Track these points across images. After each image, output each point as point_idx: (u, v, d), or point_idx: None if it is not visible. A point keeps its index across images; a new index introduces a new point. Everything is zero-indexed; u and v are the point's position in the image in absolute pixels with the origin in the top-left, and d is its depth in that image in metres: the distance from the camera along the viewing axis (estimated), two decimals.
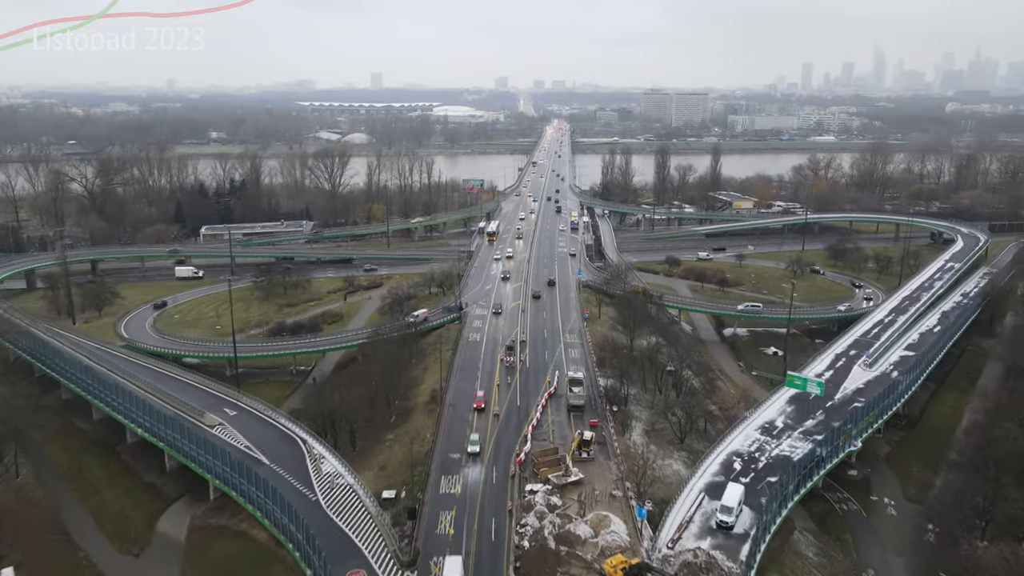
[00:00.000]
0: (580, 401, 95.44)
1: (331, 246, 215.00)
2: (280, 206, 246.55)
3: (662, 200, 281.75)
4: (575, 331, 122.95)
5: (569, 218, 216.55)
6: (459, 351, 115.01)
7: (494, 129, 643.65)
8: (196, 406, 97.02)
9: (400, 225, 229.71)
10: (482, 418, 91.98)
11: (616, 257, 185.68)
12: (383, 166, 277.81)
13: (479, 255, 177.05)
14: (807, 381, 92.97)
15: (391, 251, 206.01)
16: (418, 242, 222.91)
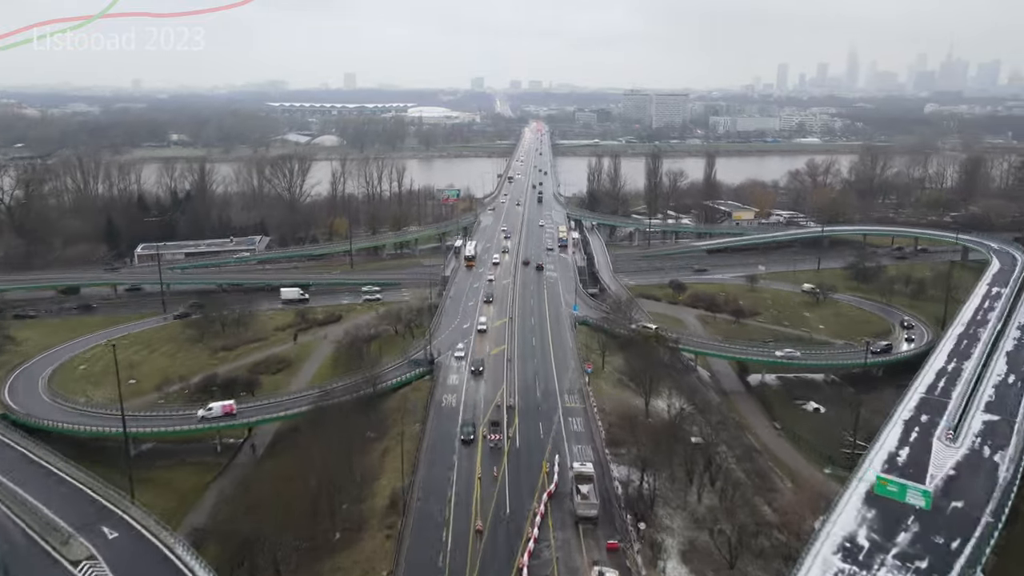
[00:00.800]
0: (592, 512, 69.14)
1: (288, 267, 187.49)
2: (232, 219, 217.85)
3: (654, 209, 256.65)
4: (575, 391, 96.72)
5: (556, 234, 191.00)
6: (429, 423, 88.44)
7: (470, 131, 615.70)
8: (65, 525, 69.24)
9: (366, 243, 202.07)
10: (458, 533, 66.04)
11: (613, 283, 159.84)
12: (349, 172, 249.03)
13: (455, 281, 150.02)
14: (906, 488, 67.35)
15: (354, 273, 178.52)
16: (386, 261, 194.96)
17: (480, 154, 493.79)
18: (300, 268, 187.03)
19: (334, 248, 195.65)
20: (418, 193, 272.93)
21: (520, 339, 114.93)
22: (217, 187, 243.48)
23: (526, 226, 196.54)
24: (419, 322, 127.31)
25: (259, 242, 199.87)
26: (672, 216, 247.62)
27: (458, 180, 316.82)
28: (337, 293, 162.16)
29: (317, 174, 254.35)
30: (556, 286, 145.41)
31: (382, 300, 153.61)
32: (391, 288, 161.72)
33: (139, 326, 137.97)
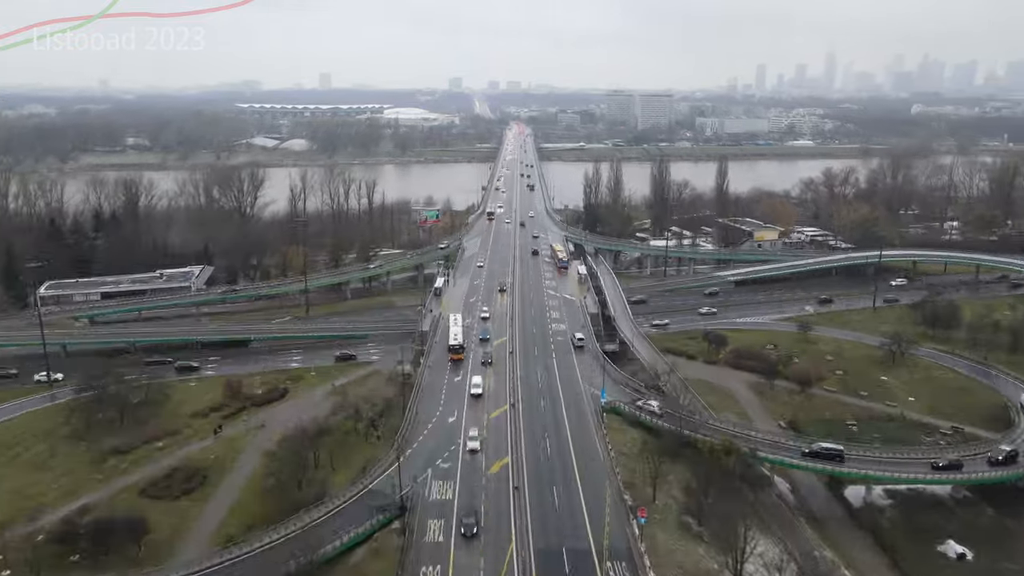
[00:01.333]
0: None
1: (230, 310, 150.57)
2: (170, 245, 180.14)
3: (662, 226, 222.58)
4: (622, 551, 61.87)
5: (550, 258, 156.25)
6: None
7: (449, 134, 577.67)
8: None
9: (327, 278, 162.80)
10: None
11: (635, 336, 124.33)
12: (312, 187, 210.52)
13: (436, 339, 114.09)
14: None
15: (309, 321, 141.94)
16: (352, 302, 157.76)
17: (460, 159, 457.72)
18: (247, 312, 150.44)
19: (286, 287, 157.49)
20: (392, 208, 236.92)
21: (528, 446, 79.51)
22: (159, 202, 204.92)
23: (520, 262, 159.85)
24: (386, 416, 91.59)
25: (198, 275, 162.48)
26: (678, 234, 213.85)
27: (438, 190, 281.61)
28: (287, 352, 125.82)
29: (281, 184, 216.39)
30: (566, 348, 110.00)
31: (356, 360, 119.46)
32: (356, 343, 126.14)
33: (5, 411, 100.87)
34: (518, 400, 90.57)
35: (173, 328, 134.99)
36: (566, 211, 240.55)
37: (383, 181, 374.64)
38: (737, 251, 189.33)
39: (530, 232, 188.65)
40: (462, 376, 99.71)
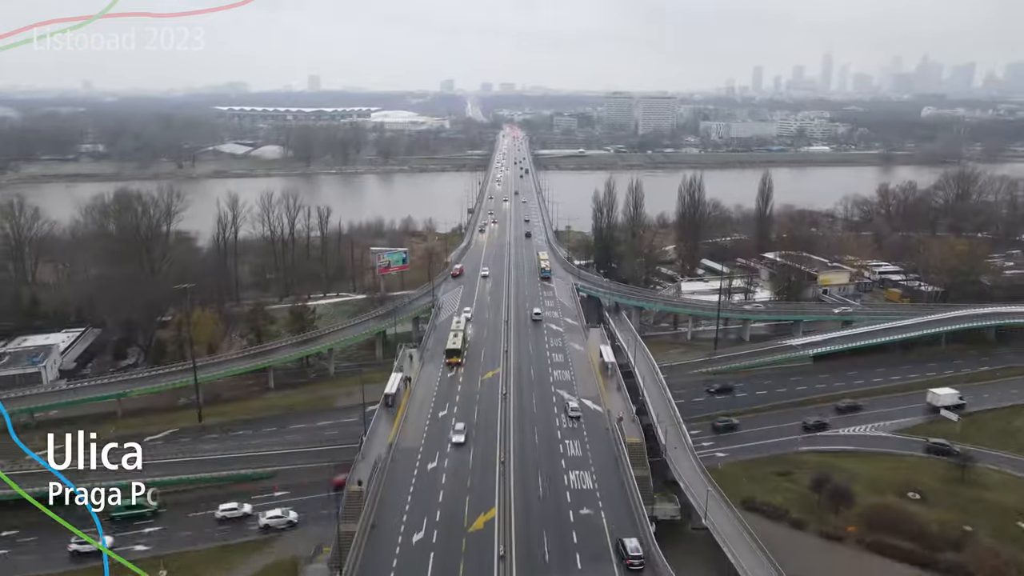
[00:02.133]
0: None
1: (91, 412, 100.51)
2: (42, 302, 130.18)
3: (692, 263, 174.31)
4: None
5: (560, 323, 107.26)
6: None
7: (437, 139, 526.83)
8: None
9: (243, 363, 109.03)
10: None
11: (697, 479, 74.29)
12: (244, 217, 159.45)
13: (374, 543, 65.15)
14: None
15: (199, 444, 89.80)
16: (274, 398, 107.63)
17: (448, 167, 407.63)
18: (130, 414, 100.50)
19: (164, 382, 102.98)
20: (361, 232, 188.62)
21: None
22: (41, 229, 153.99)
23: (516, 335, 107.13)
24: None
25: (65, 350, 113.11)
26: (711, 269, 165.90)
27: (420, 207, 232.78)
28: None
29: (244, 197, 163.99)
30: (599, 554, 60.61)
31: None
32: (258, 499, 76.87)
33: None
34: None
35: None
36: (569, 235, 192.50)
37: (357, 194, 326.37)
38: (804, 303, 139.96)
39: (535, 290, 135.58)
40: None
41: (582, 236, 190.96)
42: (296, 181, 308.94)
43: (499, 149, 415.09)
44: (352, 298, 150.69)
